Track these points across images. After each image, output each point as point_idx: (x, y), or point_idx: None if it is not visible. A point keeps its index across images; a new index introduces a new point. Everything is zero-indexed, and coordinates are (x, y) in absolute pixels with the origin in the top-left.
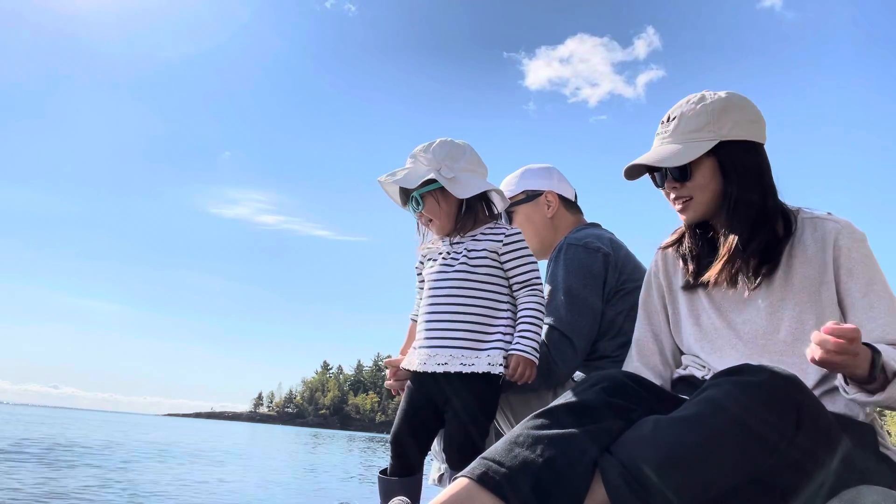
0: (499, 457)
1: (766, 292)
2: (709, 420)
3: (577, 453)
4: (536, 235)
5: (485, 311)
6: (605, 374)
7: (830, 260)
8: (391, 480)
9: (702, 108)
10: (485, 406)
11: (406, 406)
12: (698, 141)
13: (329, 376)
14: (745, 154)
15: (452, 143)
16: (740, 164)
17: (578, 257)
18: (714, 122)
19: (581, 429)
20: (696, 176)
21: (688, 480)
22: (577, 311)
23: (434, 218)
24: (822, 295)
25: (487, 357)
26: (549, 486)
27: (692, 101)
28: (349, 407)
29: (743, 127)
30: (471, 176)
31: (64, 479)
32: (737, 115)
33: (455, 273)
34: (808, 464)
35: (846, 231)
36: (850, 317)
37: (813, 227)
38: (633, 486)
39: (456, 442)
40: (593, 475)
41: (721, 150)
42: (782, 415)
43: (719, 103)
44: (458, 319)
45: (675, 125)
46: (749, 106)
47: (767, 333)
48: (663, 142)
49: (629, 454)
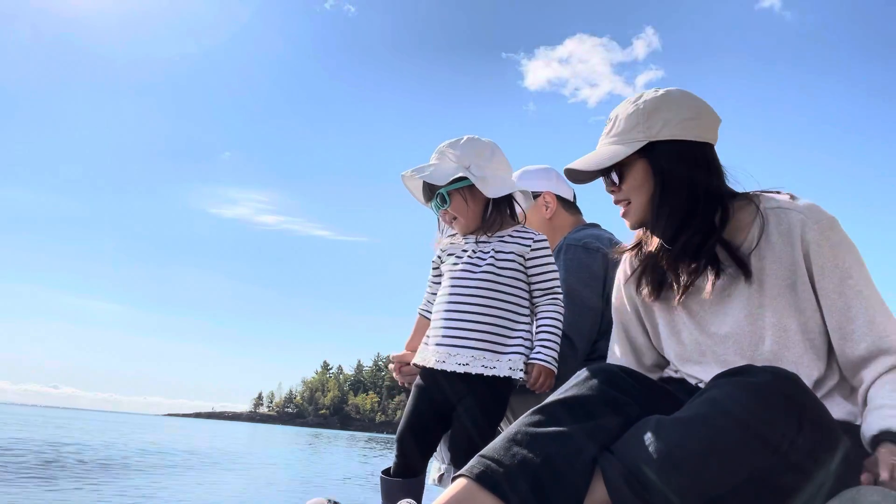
0: (497, 455)
1: (744, 299)
2: (711, 421)
3: (574, 452)
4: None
5: (508, 314)
6: (599, 368)
7: (800, 257)
8: (394, 481)
9: (634, 109)
10: (498, 410)
11: (413, 407)
12: (627, 143)
13: (329, 376)
14: (675, 152)
15: (480, 142)
16: (668, 162)
17: (578, 257)
18: (644, 123)
19: (578, 426)
20: (628, 179)
21: (689, 481)
22: (577, 311)
23: (460, 216)
24: (799, 295)
25: (509, 361)
26: (548, 485)
27: (629, 101)
28: (349, 407)
29: (676, 126)
30: (500, 176)
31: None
32: (669, 114)
33: (482, 273)
34: (809, 464)
35: (811, 221)
36: (828, 320)
37: (777, 219)
38: (634, 486)
39: (465, 442)
40: (592, 474)
41: (652, 150)
42: (784, 416)
43: (651, 103)
44: (481, 321)
45: (611, 127)
46: (689, 103)
47: (752, 345)
48: (601, 144)
49: (631, 455)
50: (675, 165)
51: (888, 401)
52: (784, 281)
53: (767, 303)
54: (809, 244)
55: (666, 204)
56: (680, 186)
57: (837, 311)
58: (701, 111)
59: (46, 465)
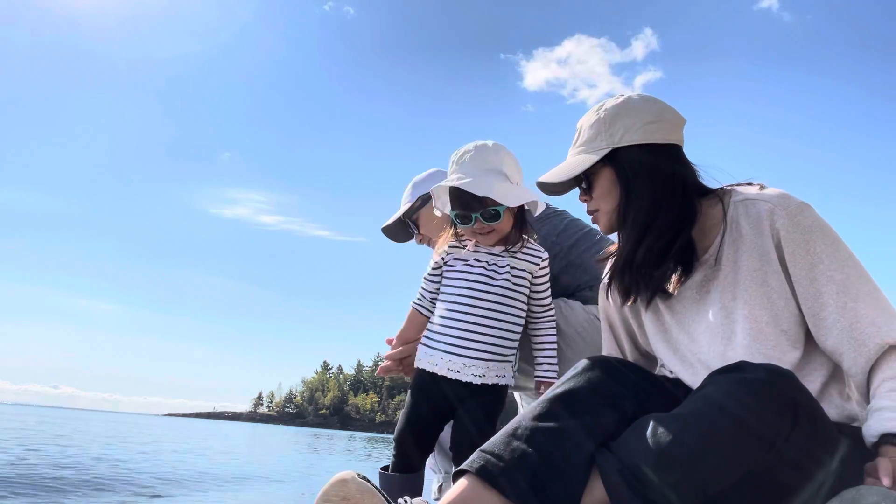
0: (497, 450)
1: (719, 293)
2: (706, 417)
3: (572, 448)
4: (441, 231)
5: (515, 327)
6: (598, 359)
7: (771, 246)
8: (393, 476)
9: (596, 118)
10: (498, 409)
11: (412, 408)
12: (592, 151)
13: (329, 376)
14: (639, 156)
15: (504, 149)
16: (632, 167)
17: None
18: (606, 131)
19: (575, 421)
20: (595, 187)
21: (686, 478)
22: None
23: (500, 229)
24: (771, 286)
25: (514, 369)
26: (547, 481)
27: (593, 111)
28: (349, 407)
29: (637, 131)
30: (525, 187)
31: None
32: (629, 120)
33: (498, 288)
34: (806, 461)
35: (780, 208)
36: (803, 308)
37: (746, 210)
38: (632, 484)
39: (468, 443)
40: (590, 470)
41: (615, 157)
42: (778, 411)
43: (612, 110)
44: (496, 334)
45: (577, 137)
46: (649, 107)
47: (725, 338)
48: (570, 155)
49: (628, 452)
50: (639, 170)
51: (887, 402)
52: (756, 272)
53: (740, 294)
54: (779, 231)
55: (631, 209)
56: (644, 191)
57: (810, 298)
58: (662, 113)
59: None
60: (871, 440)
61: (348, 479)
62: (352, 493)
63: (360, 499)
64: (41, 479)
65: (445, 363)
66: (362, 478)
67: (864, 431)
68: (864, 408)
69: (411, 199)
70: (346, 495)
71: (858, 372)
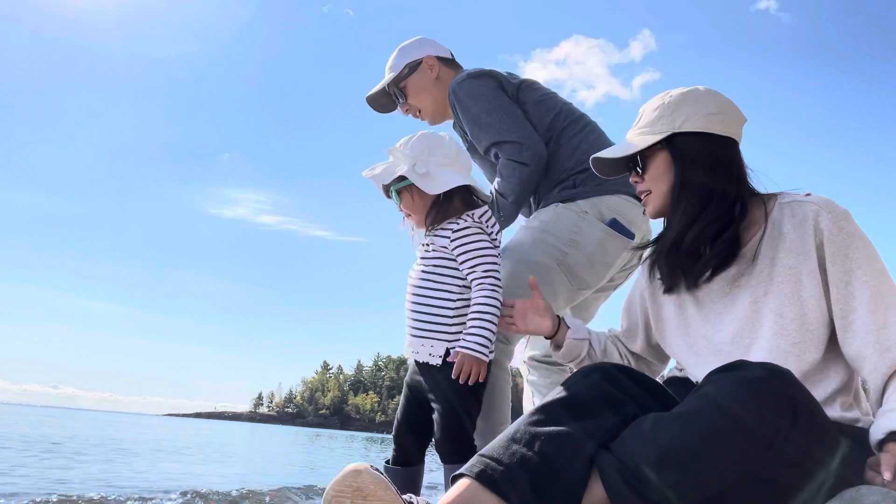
0: (496, 454)
1: (751, 288)
2: (705, 416)
3: (573, 449)
4: (430, 99)
5: (437, 301)
6: (596, 366)
7: (812, 246)
8: (392, 469)
9: (660, 103)
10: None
11: (402, 399)
12: (651, 134)
13: (329, 376)
14: (697, 143)
15: (431, 136)
16: (689, 152)
17: (472, 86)
18: (668, 116)
19: (577, 424)
20: (650, 168)
21: (686, 477)
22: (508, 119)
23: (411, 213)
24: (804, 284)
25: (431, 347)
26: (547, 483)
27: (658, 97)
28: (349, 407)
29: (699, 119)
30: (446, 170)
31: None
32: (692, 108)
33: (419, 268)
34: (805, 460)
35: (825, 211)
36: (833, 308)
37: (791, 211)
38: (631, 483)
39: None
40: (591, 471)
41: (674, 141)
42: (777, 410)
43: (678, 97)
44: (416, 309)
45: (637, 120)
46: (713, 99)
47: (750, 331)
48: (628, 137)
49: (627, 452)
50: (696, 157)
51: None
52: (791, 269)
53: (772, 289)
54: (823, 232)
55: (684, 194)
56: (698, 178)
57: (842, 300)
58: (725, 107)
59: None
60: (878, 437)
61: (362, 469)
62: (365, 483)
63: (374, 490)
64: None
65: (407, 346)
66: (375, 469)
67: (871, 430)
68: (868, 415)
69: (397, 67)
70: (359, 486)
71: (878, 377)
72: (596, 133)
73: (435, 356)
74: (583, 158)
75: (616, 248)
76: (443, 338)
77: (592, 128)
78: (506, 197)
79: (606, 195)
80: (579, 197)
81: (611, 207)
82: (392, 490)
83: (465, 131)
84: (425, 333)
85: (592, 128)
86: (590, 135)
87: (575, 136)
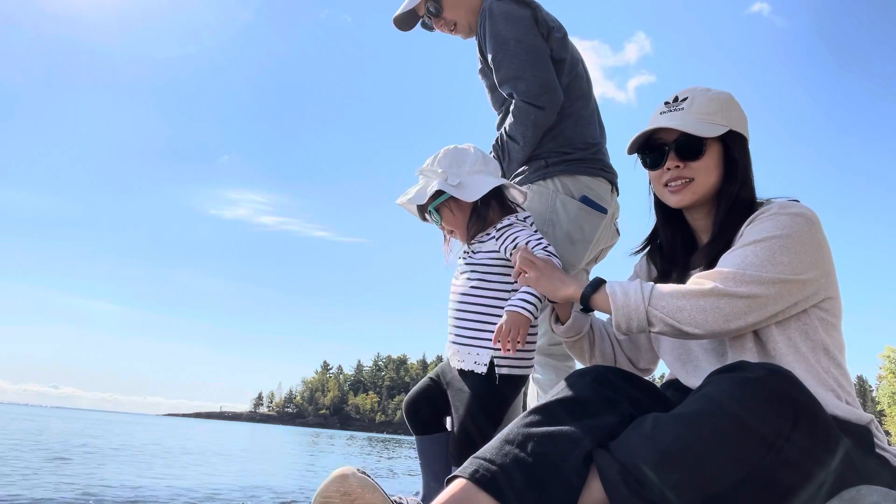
0: (490, 455)
1: None
2: (707, 417)
3: (569, 446)
4: (468, 10)
5: (486, 308)
6: (589, 368)
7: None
8: (422, 439)
9: (713, 96)
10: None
11: (426, 381)
12: (714, 123)
13: (329, 376)
14: (743, 147)
15: (456, 149)
16: (738, 154)
17: (511, 9)
18: (724, 111)
19: (574, 423)
20: (706, 156)
21: (686, 478)
22: (534, 55)
23: (454, 228)
24: None
25: (477, 356)
26: (544, 482)
27: (701, 88)
28: (349, 407)
29: (743, 122)
30: (478, 177)
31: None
32: (738, 113)
33: (464, 278)
34: (806, 461)
35: (774, 207)
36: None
37: (760, 212)
38: (631, 484)
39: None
40: (588, 470)
41: (729, 138)
42: (779, 411)
43: (725, 95)
44: (461, 317)
45: (688, 104)
46: (740, 107)
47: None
48: (674, 117)
49: (628, 452)
50: (742, 158)
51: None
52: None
53: None
54: (752, 220)
55: (732, 190)
56: (741, 178)
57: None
58: (746, 117)
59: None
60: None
61: (349, 474)
62: (352, 487)
63: (361, 493)
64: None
65: (451, 354)
66: (362, 473)
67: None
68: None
69: None
70: (347, 490)
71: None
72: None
73: (480, 364)
74: (561, 141)
75: (593, 225)
76: (488, 345)
77: (577, 119)
78: (516, 140)
79: (577, 175)
80: (549, 176)
81: (581, 185)
82: (380, 492)
83: (484, 53)
84: (470, 341)
85: (577, 119)
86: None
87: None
